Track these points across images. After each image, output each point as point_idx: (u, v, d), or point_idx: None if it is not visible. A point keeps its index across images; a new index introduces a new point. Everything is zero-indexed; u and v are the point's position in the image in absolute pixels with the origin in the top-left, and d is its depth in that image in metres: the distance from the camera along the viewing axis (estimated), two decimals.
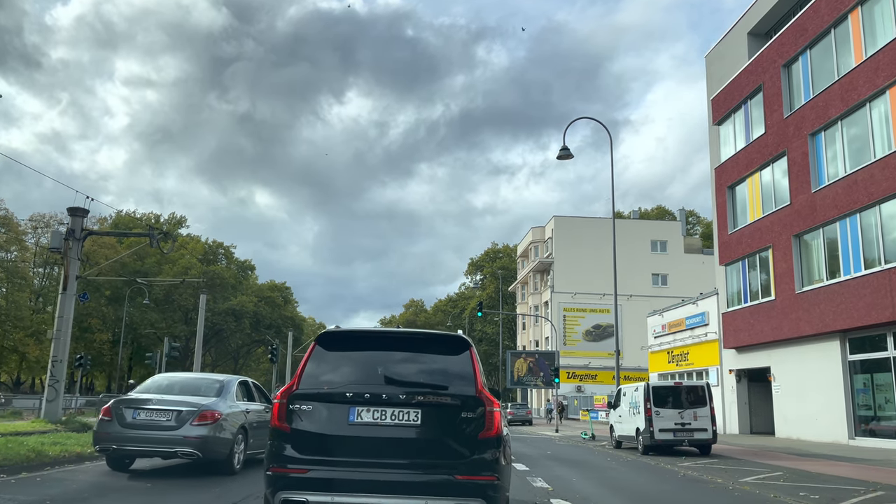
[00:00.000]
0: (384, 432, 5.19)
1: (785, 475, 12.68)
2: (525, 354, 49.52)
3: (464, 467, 5.13)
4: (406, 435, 5.20)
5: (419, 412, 5.24)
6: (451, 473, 5.11)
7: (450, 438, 5.21)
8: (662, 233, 66.58)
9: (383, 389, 5.31)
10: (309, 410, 5.28)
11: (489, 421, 5.28)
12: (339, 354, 5.68)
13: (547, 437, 30.46)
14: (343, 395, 5.26)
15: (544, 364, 48.34)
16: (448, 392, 5.37)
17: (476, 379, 5.48)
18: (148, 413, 10.02)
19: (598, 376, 62.19)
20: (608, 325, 64.01)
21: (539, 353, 50.88)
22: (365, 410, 5.24)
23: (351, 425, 5.20)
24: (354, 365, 5.58)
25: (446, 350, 5.68)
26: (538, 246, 69.34)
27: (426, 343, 5.78)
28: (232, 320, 69.17)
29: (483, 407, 5.30)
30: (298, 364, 5.96)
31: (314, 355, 5.62)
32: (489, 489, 5.13)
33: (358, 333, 6.08)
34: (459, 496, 5.09)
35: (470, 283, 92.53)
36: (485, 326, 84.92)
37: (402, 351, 5.70)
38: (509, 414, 45.61)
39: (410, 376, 5.49)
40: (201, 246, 77.59)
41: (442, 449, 5.19)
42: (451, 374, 5.51)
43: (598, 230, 65.60)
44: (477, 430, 5.25)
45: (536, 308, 68.63)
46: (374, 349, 5.77)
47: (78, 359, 37.03)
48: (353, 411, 5.23)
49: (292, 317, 79.92)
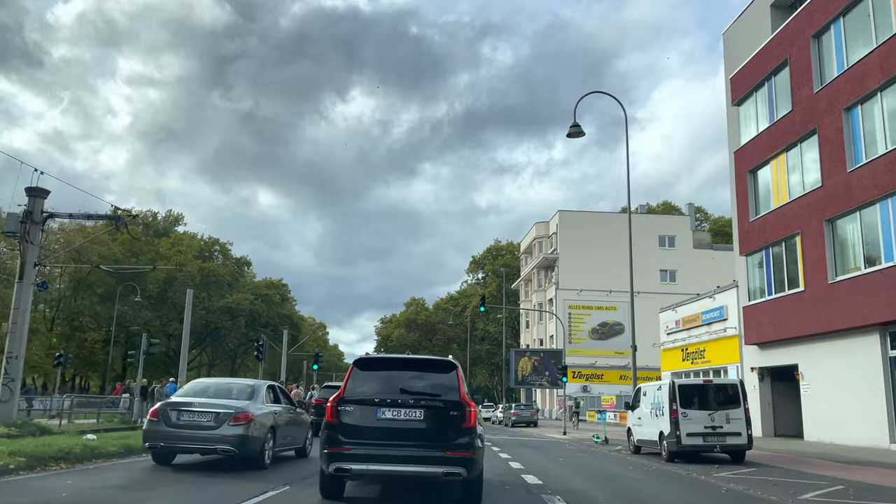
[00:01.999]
0: (399, 424, 7.88)
1: (849, 490, 10.61)
2: (530, 353, 47.46)
3: (451, 447, 7.80)
4: (414, 426, 7.88)
5: (422, 411, 7.92)
6: (443, 450, 7.78)
7: (442, 428, 7.87)
8: (671, 227, 64.44)
9: (399, 397, 7.99)
10: (351, 410, 7.97)
11: (468, 417, 7.94)
12: (369, 373, 8.35)
13: (555, 440, 28.43)
14: (372, 400, 7.98)
15: (550, 363, 46.30)
16: (441, 398, 8.03)
17: (460, 389, 8.14)
18: (191, 415, 11.42)
19: (604, 376, 60.12)
20: (615, 322, 61.98)
21: (544, 351, 48.72)
22: (387, 410, 7.92)
23: (378, 420, 7.90)
24: (379, 380, 8.23)
25: (440, 370, 8.42)
26: (542, 241, 67.27)
27: (427, 365, 8.60)
28: (227, 318, 67.22)
29: (464, 408, 7.98)
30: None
31: (353, 374, 8.33)
32: (467, 461, 7.82)
33: (381, 359, 8.85)
34: (448, 465, 7.75)
35: (472, 280, 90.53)
36: (487, 325, 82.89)
37: (411, 370, 8.44)
38: (513, 415, 43.54)
39: (416, 388, 8.14)
40: (197, 242, 75.62)
41: (437, 435, 7.85)
42: (444, 387, 8.16)
43: (603, 225, 63.55)
44: (460, 422, 7.88)
45: (541, 306, 66.57)
46: (392, 369, 8.45)
47: (57, 357, 35.03)
48: (380, 411, 7.93)
49: (290, 315, 77.94)
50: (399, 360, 8.75)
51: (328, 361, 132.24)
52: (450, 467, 7.72)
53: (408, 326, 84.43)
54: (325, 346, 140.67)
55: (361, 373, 8.29)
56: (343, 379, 8.60)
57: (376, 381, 8.16)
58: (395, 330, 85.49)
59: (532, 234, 68.78)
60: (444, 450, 7.75)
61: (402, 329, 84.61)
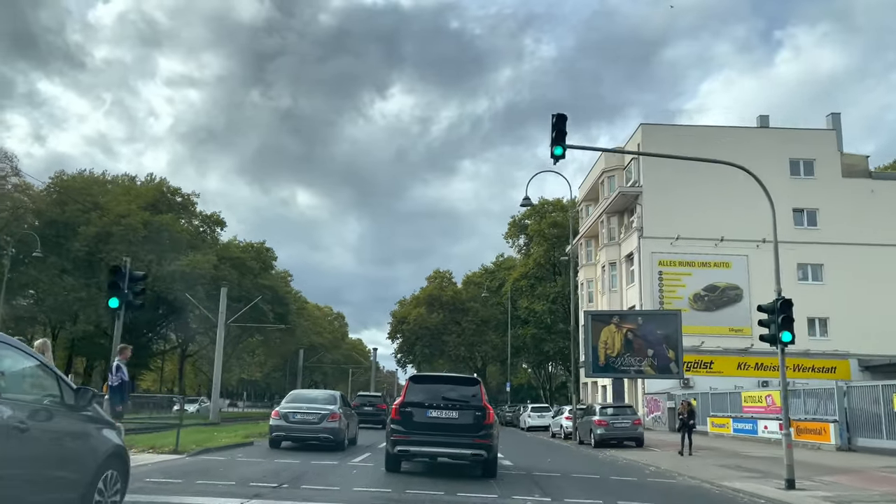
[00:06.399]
0: (442, 420, 12.55)
1: None
2: (619, 318, 27.89)
3: (476, 436, 12.46)
4: (451, 421, 12.54)
5: (457, 412, 12.63)
6: (472, 439, 12.43)
7: (470, 423, 12.55)
8: (807, 148, 44.02)
9: (441, 402, 12.76)
10: (409, 411, 12.69)
11: (488, 416, 12.67)
12: (420, 385, 13.39)
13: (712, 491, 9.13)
14: (423, 404, 12.72)
15: (656, 335, 26.81)
16: (469, 403, 12.81)
17: (482, 398, 12.97)
18: (302, 415, 17.68)
19: (714, 363, 40.29)
20: (729, 286, 42.03)
21: (645, 314, 28.64)
22: (433, 410, 12.63)
23: (427, 417, 12.59)
24: (427, 391, 13.10)
25: (468, 384, 13.52)
26: (613, 177, 47.60)
27: (459, 381, 13.92)
28: (180, 287, 48.87)
29: (486, 410, 12.74)
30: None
31: (409, 387, 13.34)
32: (487, 447, 12.52)
33: (428, 376, 14.88)
34: (474, 449, 12.48)
35: (512, 249, 71.06)
36: (532, 303, 63.38)
37: (449, 384, 13.55)
38: (598, 424, 24.13)
39: (452, 396, 12.94)
40: (150, 190, 57.61)
41: (467, 427, 12.51)
42: (470, 395, 12.97)
43: (707, 145, 43.67)
44: (482, 420, 12.59)
45: (612, 267, 46.90)
46: (436, 383, 13.64)
47: None
48: (428, 411, 12.63)
49: (273, 287, 59.32)
50: (440, 377, 14.72)
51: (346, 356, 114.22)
52: (476, 450, 12.46)
53: (429, 305, 65.25)
54: (343, 339, 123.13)
55: (415, 385, 13.35)
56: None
57: (425, 392, 13.00)
58: (414, 310, 66.36)
59: (599, 166, 48.94)
60: (472, 438, 12.38)
61: (423, 308, 65.44)
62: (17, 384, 5.19)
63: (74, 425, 5.66)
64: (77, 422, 5.70)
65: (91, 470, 5.67)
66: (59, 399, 5.57)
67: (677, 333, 26.74)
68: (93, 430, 5.90)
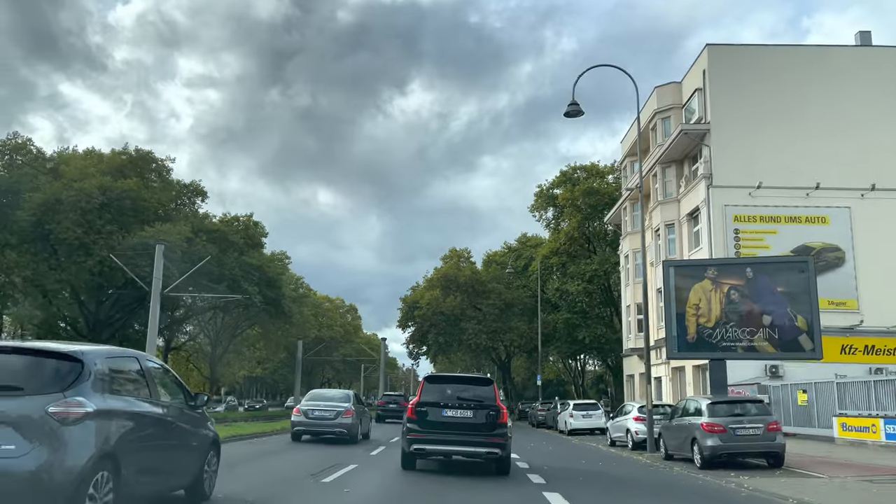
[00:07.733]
0: (457, 419, 12.86)
1: None
2: (715, 270, 18.59)
3: (490, 435, 12.80)
4: (466, 421, 12.85)
5: (472, 411, 12.93)
6: (486, 437, 12.78)
7: (485, 421, 12.86)
8: None
9: (456, 402, 13.06)
10: (424, 410, 13.02)
11: (501, 416, 12.95)
12: (435, 385, 13.63)
13: None
14: (438, 403, 13.04)
15: (773, 293, 17.68)
16: (483, 402, 13.09)
17: (496, 397, 13.32)
18: (320, 411, 20.13)
19: None
20: (827, 246, 32.58)
21: (758, 263, 19.03)
22: (449, 410, 12.93)
23: (443, 416, 12.90)
24: (442, 390, 13.35)
25: (483, 384, 13.81)
26: (669, 116, 38.31)
27: (474, 380, 14.14)
28: (145, 262, 40.34)
29: (499, 409, 13.05)
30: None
31: (425, 387, 13.57)
32: (501, 445, 12.87)
33: (443, 376, 14.76)
34: (489, 447, 12.78)
35: (539, 222, 61.83)
36: (564, 283, 54.24)
37: (464, 384, 13.76)
38: (713, 431, 15.11)
39: (467, 396, 13.21)
40: (116, 155, 49.25)
41: (482, 426, 12.84)
42: (485, 395, 13.26)
43: (793, 70, 34.32)
44: (496, 419, 12.89)
45: (669, 230, 37.66)
46: (451, 383, 13.80)
47: None
48: (444, 411, 12.94)
49: (261, 267, 50.66)
50: (455, 377, 14.63)
51: (356, 349, 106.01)
52: (490, 449, 12.82)
53: (444, 287, 56.23)
54: (355, 333, 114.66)
55: (430, 385, 13.62)
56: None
57: (440, 392, 13.30)
58: (427, 293, 57.39)
59: (652, 104, 39.46)
60: (486, 437, 12.77)
61: (437, 290, 56.43)
62: (167, 391, 8.51)
63: (196, 420, 9.00)
64: (196, 417, 9.05)
65: (206, 449, 9.20)
66: (184, 401, 8.80)
67: (809, 291, 17.53)
68: (204, 423, 9.34)
